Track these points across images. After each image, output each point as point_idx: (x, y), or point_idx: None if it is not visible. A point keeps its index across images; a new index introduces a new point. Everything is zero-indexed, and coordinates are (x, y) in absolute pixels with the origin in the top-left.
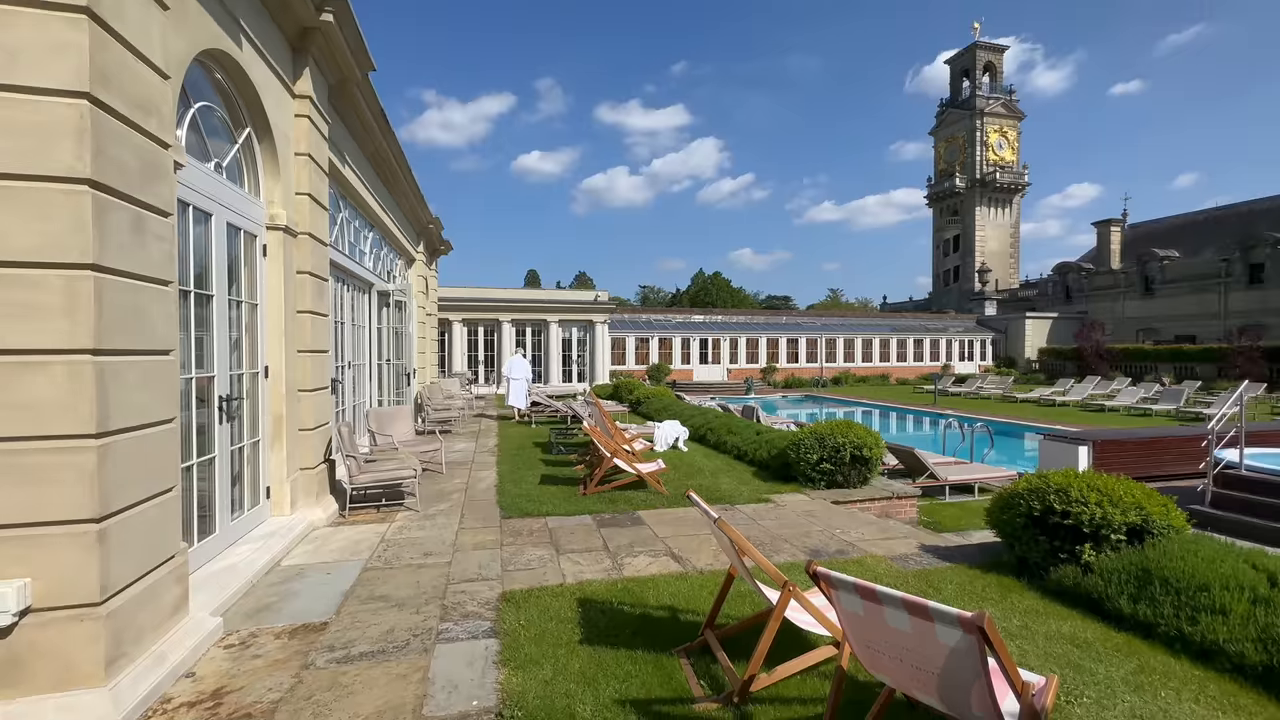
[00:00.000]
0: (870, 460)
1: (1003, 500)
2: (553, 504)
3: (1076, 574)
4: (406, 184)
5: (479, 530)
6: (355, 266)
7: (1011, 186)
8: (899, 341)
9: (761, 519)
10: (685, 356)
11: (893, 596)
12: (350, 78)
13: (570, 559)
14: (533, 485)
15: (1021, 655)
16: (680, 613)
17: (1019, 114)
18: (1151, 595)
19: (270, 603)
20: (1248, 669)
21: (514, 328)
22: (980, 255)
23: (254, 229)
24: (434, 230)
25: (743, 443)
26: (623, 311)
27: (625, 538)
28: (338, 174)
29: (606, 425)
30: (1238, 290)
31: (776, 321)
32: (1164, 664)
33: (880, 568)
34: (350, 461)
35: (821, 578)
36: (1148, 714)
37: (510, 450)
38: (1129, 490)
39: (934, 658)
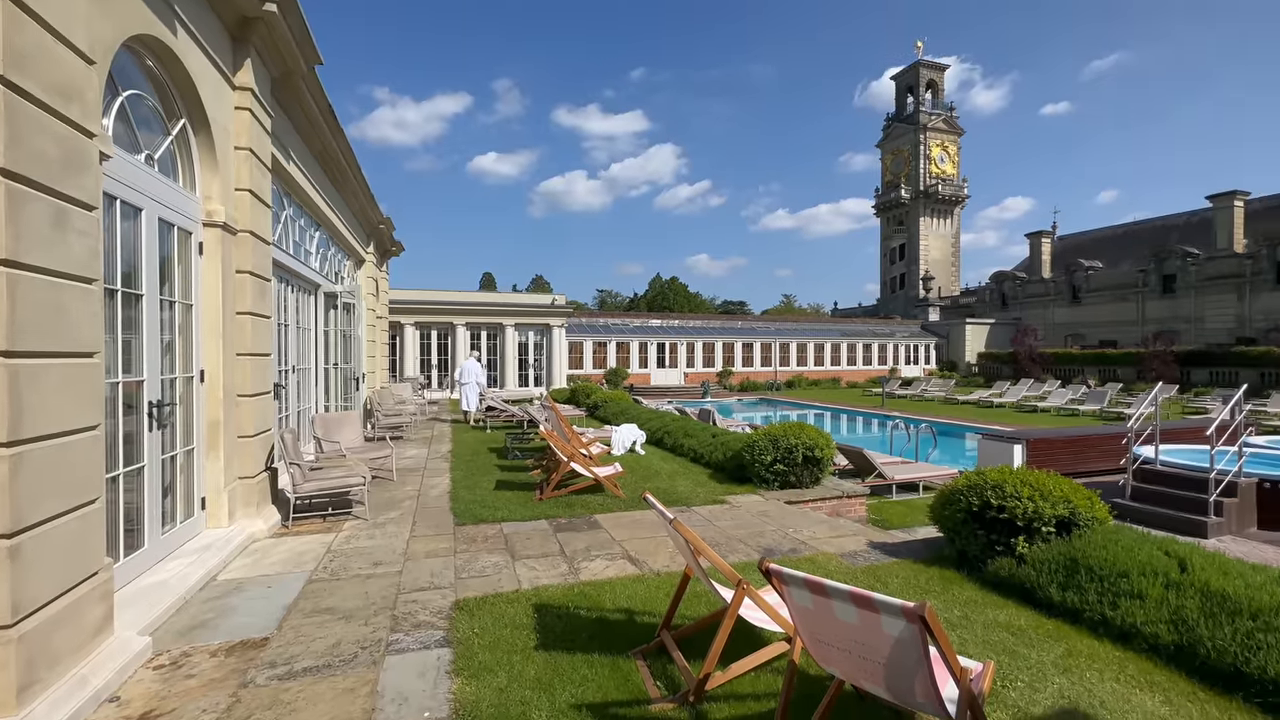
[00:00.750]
0: (822, 461)
1: (944, 497)
2: (508, 509)
3: (1011, 565)
4: (356, 182)
5: (431, 538)
6: (300, 267)
7: (952, 198)
8: (849, 346)
9: (717, 520)
10: (643, 360)
11: (840, 590)
12: (295, 70)
13: (526, 565)
14: (487, 491)
15: (962, 644)
16: (637, 615)
17: (959, 130)
18: (1078, 583)
19: (205, 619)
20: (1162, 648)
21: (469, 331)
22: (924, 263)
23: (189, 225)
24: (385, 231)
25: (699, 445)
26: (580, 315)
27: (582, 542)
28: (282, 170)
29: (563, 429)
30: (1153, 299)
31: (732, 326)
32: (1089, 647)
33: (831, 564)
34: (294, 469)
35: (774, 574)
36: (1074, 694)
37: (465, 456)
38: (1058, 485)
39: (880, 648)
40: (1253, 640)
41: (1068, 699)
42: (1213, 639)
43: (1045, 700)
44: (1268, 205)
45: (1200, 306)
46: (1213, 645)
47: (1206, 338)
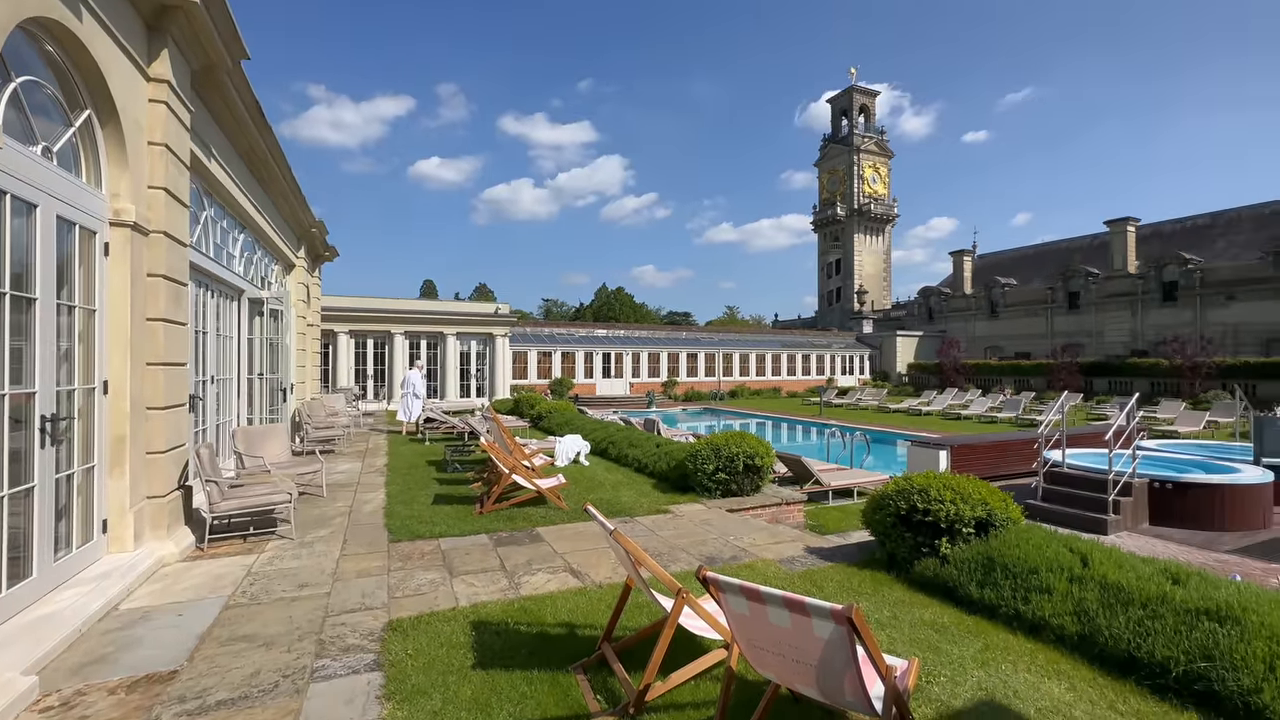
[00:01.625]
0: (762, 469)
1: (875, 502)
2: (447, 524)
3: (936, 565)
4: (285, 183)
5: (363, 556)
6: (222, 271)
7: (884, 217)
8: (789, 357)
9: (660, 529)
10: (588, 371)
11: (774, 595)
12: (219, 64)
13: (464, 581)
14: (425, 506)
15: (891, 643)
16: (578, 628)
17: (889, 152)
18: (994, 580)
19: (104, 654)
20: (1067, 639)
21: (407, 340)
22: (859, 278)
23: (93, 224)
24: (317, 235)
25: (643, 455)
26: (525, 325)
27: (523, 555)
28: (202, 168)
29: (505, 441)
30: (1060, 314)
31: (677, 337)
32: (1004, 641)
33: (770, 570)
34: (211, 487)
35: (711, 582)
36: (990, 686)
37: (401, 470)
38: (977, 488)
39: (812, 651)
40: (1143, 627)
41: (985, 691)
42: (1109, 628)
43: (965, 693)
44: (1155, 231)
45: (1100, 321)
46: (1110, 634)
47: (1106, 350)
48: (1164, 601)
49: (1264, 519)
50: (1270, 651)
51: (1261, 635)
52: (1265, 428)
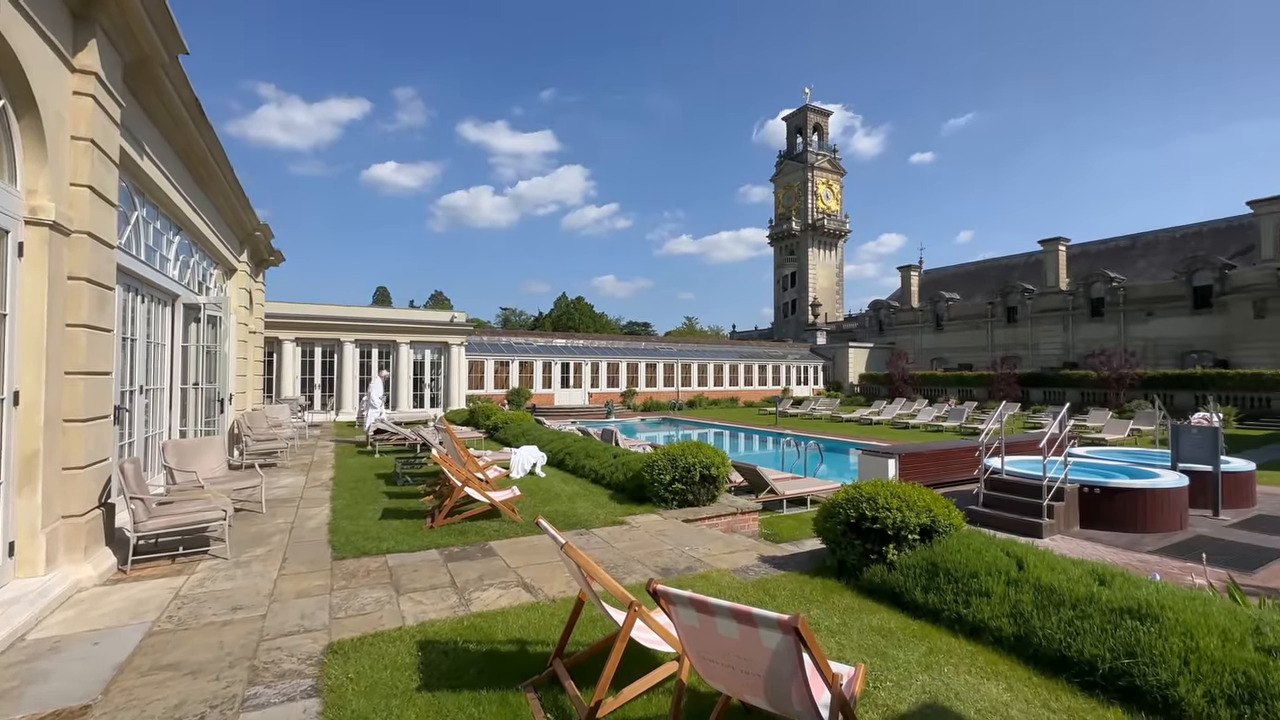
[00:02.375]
0: (718, 479)
1: (826, 510)
2: (395, 540)
3: (884, 571)
4: (227, 184)
5: (304, 575)
6: (154, 275)
7: (836, 232)
8: (746, 367)
9: (616, 541)
10: (547, 380)
11: (722, 607)
12: (153, 57)
13: (412, 599)
14: (372, 521)
15: (840, 649)
16: (530, 645)
17: (842, 170)
18: (938, 585)
19: (6, 689)
20: (1005, 640)
21: (358, 349)
22: (813, 291)
23: (5, 223)
24: (261, 238)
25: (600, 466)
26: (482, 334)
27: (475, 571)
28: (134, 166)
29: (458, 452)
30: (1000, 327)
31: (636, 347)
32: (947, 644)
33: (724, 580)
34: (136, 504)
35: (661, 595)
36: (934, 689)
37: (348, 483)
38: (921, 496)
39: (760, 661)
40: (1073, 627)
41: (929, 694)
42: (1043, 629)
43: (910, 697)
44: (1083, 251)
45: (1036, 335)
46: (1043, 634)
47: (1041, 362)
48: (1092, 602)
49: (1181, 521)
50: (1185, 646)
51: (1177, 631)
52: (1181, 436)
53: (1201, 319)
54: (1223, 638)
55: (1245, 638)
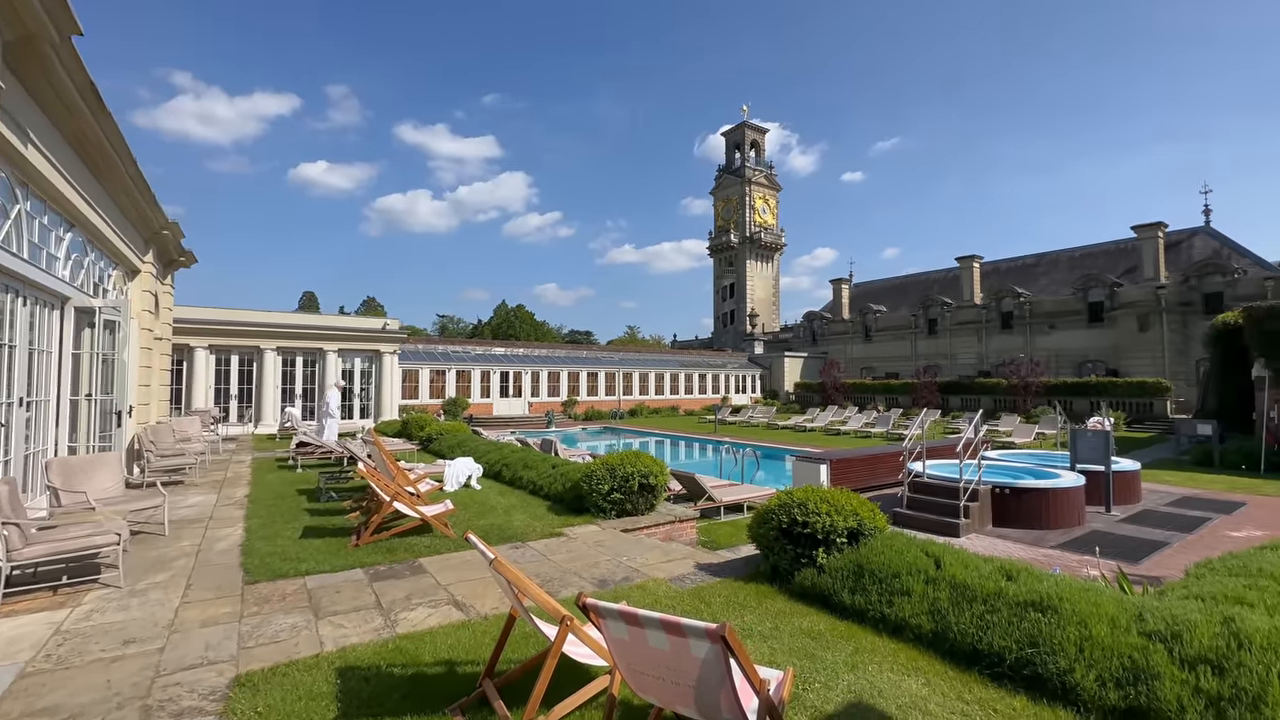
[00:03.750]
0: (656, 488)
1: (760, 516)
2: (316, 560)
3: (814, 575)
4: (129, 177)
5: (211, 602)
6: (39, 275)
7: (773, 245)
8: (686, 376)
9: (553, 554)
10: (485, 390)
11: (652, 619)
12: (40, 35)
13: (332, 622)
14: (291, 540)
15: (772, 653)
16: (460, 665)
17: (778, 186)
18: (864, 586)
19: None
20: (924, 637)
21: (280, 357)
22: (751, 302)
23: None
24: (170, 237)
25: (538, 477)
26: (417, 341)
27: (402, 590)
28: (16, 155)
29: (387, 466)
30: (922, 338)
31: (578, 356)
32: (872, 643)
33: (661, 590)
34: (10, 530)
35: (591, 609)
36: (859, 687)
37: (266, 501)
38: (849, 500)
39: (690, 671)
40: (984, 621)
41: (854, 693)
42: (958, 624)
43: (837, 697)
44: (995, 268)
45: (954, 345)
46: (958, 629)
47: (959, 370)
48: (1000, 597)
49: (1079, 517)
50: (1080, 635)
51: (1073, 621)
52: (1078, 439)
53: (1095, 332)
54: (1111, 625)
55: (1130, 624)
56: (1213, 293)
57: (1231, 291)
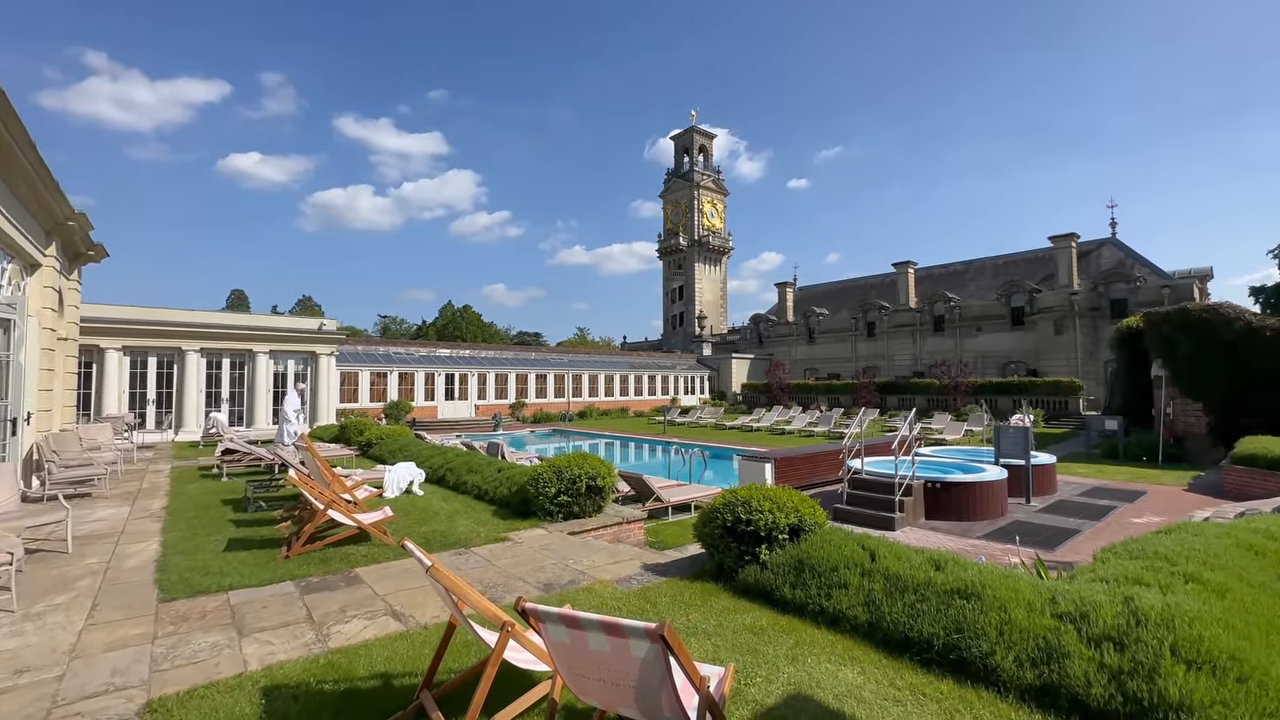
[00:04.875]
0: (604, 489)
1: (705, 515)
2: (241, 574)
3: (757, 571)
4: (28, 163)
5: (119, 624)
6: None
7: (721, 249)
8: (636, 378)
9: (498, 559)
10: (429, 393)
11: (592, 621)
12: None
13: (258, 640)
14: (214, 554)
15: (715, 650)
16: (397, 678)
17: (725, 190)
18: (804, 581)
19: None
20: (860, 627)
21: (205, 359)
22: (699, 304)
23: None
24: (76, 229)
25: (483, 481)
26: (356, 343)
27: (336, 602)
28: None
29: (321, 472)
30: (861, 340)
31: (526, 357)
32: (812, 636)
33: (607, 592)
34: None
35: (530, 613)
36: (799, 679)
37: (186, 513)
38: (791, 497)
39: (630, 672)
40: (914, 610)
41: (794, 685)
42: (890, 614)
43: (778, 690)
44: (928, 273)
45: (891, 347)
46: (891, 619)
47: (896, 371)
48: (929, 586)
49: (1002, 508)
50: (1000, 619)
51: (994, 607)
52: (1001, 435)
53: (1018, 334)
54: (1028, 609)
55: (1045, 607)
56: (1118, 299)
57: (1134, 298)
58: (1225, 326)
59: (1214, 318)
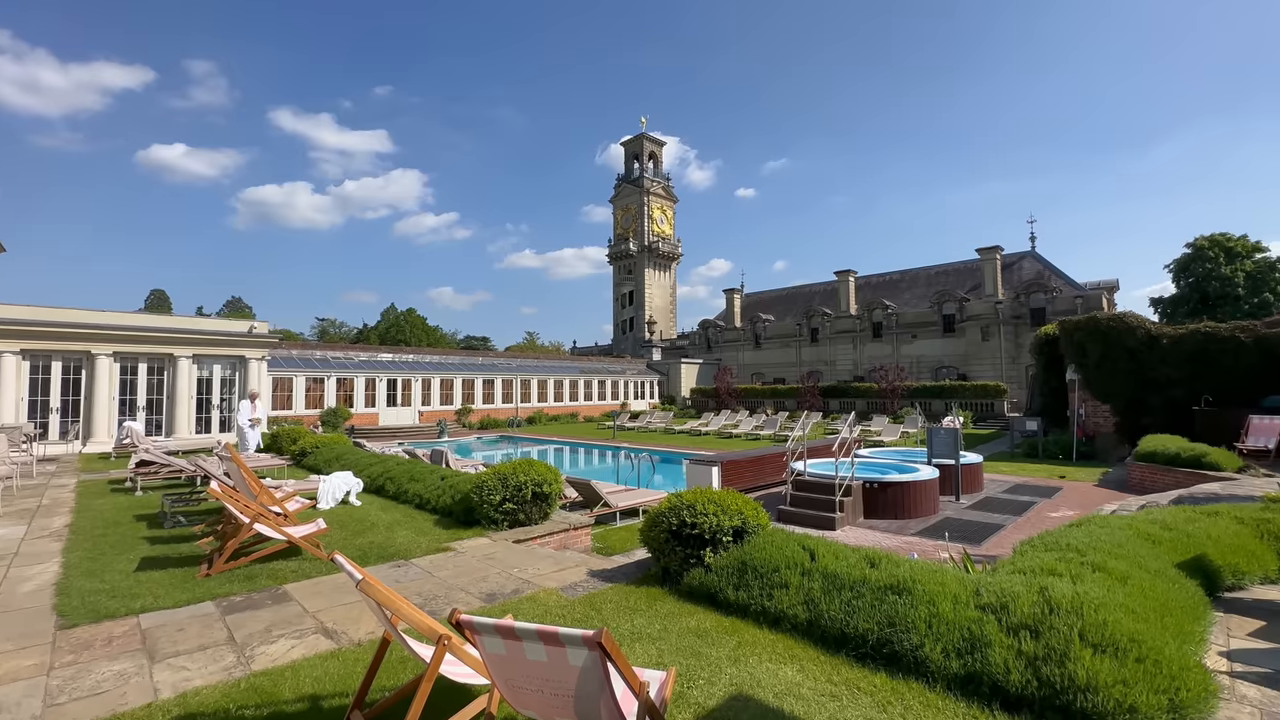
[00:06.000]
0: (550, 496)
1: (651, 519)
2: (155, 595)
3: (702, 574)
4: None
5: (10, 655)
6: None
7: (670, 255)
8: (586, 383)
9: (439, 570)
10: (370, 399)
11: (529, 630)
12: None
13: (171, 665)
14: (123, 575)
15: (659, 654)
16: (326, 699)
17: (674, 198)
18: (747, 582)
19: None
20: (800, 626)
21: (117, 364)
22: (649, 309)
23: None
24: None
25: (425, 490)
26: (291, 347)
27: (262, 621)
28: None
29: (248, 484)
30: (805, 346)
31: (473, 362)
32: (754, 636)
33: (551, 600)
34: None
35: (465, 625)
36: (740, 680)
37: (93, 530)
38: (735, 500)
39: (569, 681)
40: (850, 607)
41: (736, 685)
42: (828, 611)
43: (719, 691)
44: (867, 282)
45: (833, 353)
46: (829, 616)
47: (838, 376)
48: (864, 583)
49: (934, 506)
50: (929, 612)
51: (924, 601)
52: (933, 436)
53: (949, 341)
54: (954, 602)
55: (969, 599)
56: (1038, 308)
57: (1051, 307)
58: (1129, 334)
59: (1119, 326)
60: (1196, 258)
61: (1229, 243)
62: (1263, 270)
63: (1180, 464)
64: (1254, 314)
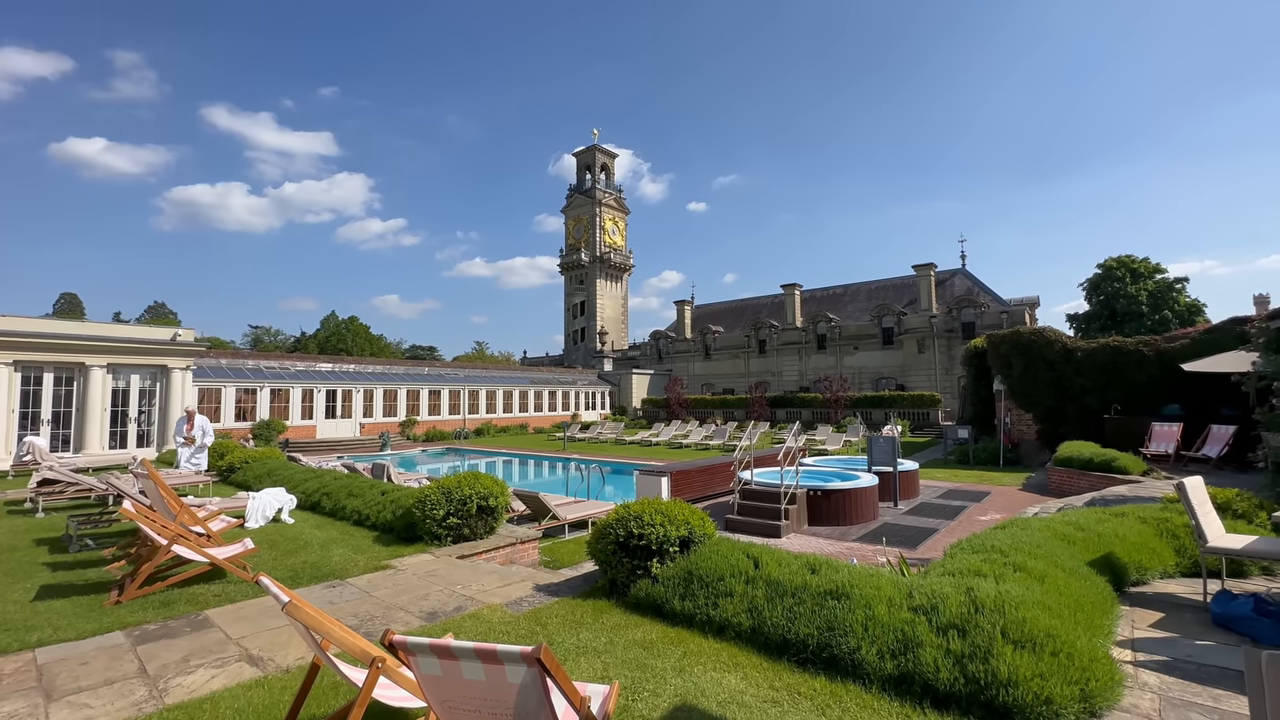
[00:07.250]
0: (497, 509)
1: (599, 531)
2: (55, 626)
3: (649, 585)
4: None
5: None
6: None
7: (622, 266)
8: (536, 393)
9: (377, 589)
10: (307, 411)
11: (465, 649)
12: None
13: (72, 704)
14: (19, 605)
15: (605, 667)
16: None
17: (626, 209)
18: (693, 592)
19: None
20: (744, 634)
21: (17, 373)
22: (600, 320)
23: None
24: None
25: (364, 505)
26: (220, 356)
27: (178, 651)
28: None
29: (167, 502)
30: (754, 357)
31: (418, 372)
32: (700, 645)
33: (495, 616)
34: None
35: (399, 646)
36: (685, 691)
37: None
38: (682, 510)
39: (508, 700)
40: (792, 613)
41: (680, 696)
42: (771, 618)
43: (664, 703)
44: (812, 295)
45: (780, 364)
46: (771, 623)
47: (784, 386)
48: (805, 589)
49: (874, 512)
50: (865, 616)
51: (861, 604)
52: (873, 444)
53: (888, 353)
54: (889, 604)
55: (903, 602)
56: (968, 322)
57: (980, 322)
58: (1048, 347)
59: (1039, 340)
60: (1106, 277)
61: (1134, 264)
62: (1162, 289)
63: (1093, 468)
64: (1155, 329)
